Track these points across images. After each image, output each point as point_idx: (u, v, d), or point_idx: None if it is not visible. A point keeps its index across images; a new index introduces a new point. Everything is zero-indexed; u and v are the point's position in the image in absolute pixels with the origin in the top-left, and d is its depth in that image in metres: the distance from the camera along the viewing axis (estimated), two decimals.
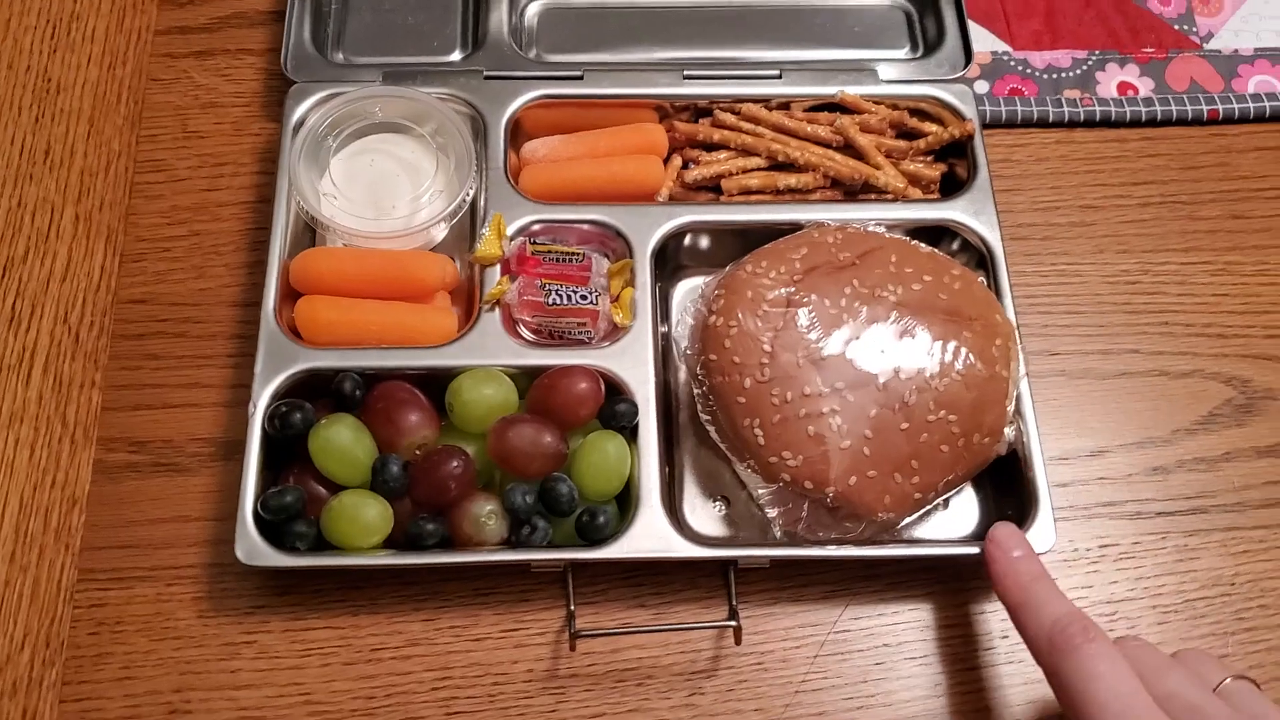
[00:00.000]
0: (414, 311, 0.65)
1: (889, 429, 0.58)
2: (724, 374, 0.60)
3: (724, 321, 0.61)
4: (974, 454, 0.60)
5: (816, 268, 0.62)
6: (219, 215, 0.73)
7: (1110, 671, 0.49)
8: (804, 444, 0.58)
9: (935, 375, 0.59)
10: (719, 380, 0.60)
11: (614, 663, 0.60)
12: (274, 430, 0.61)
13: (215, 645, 0.60)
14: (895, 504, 0.58)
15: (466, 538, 0.60)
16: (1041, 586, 0.54)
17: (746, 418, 0.59)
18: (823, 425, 0.58)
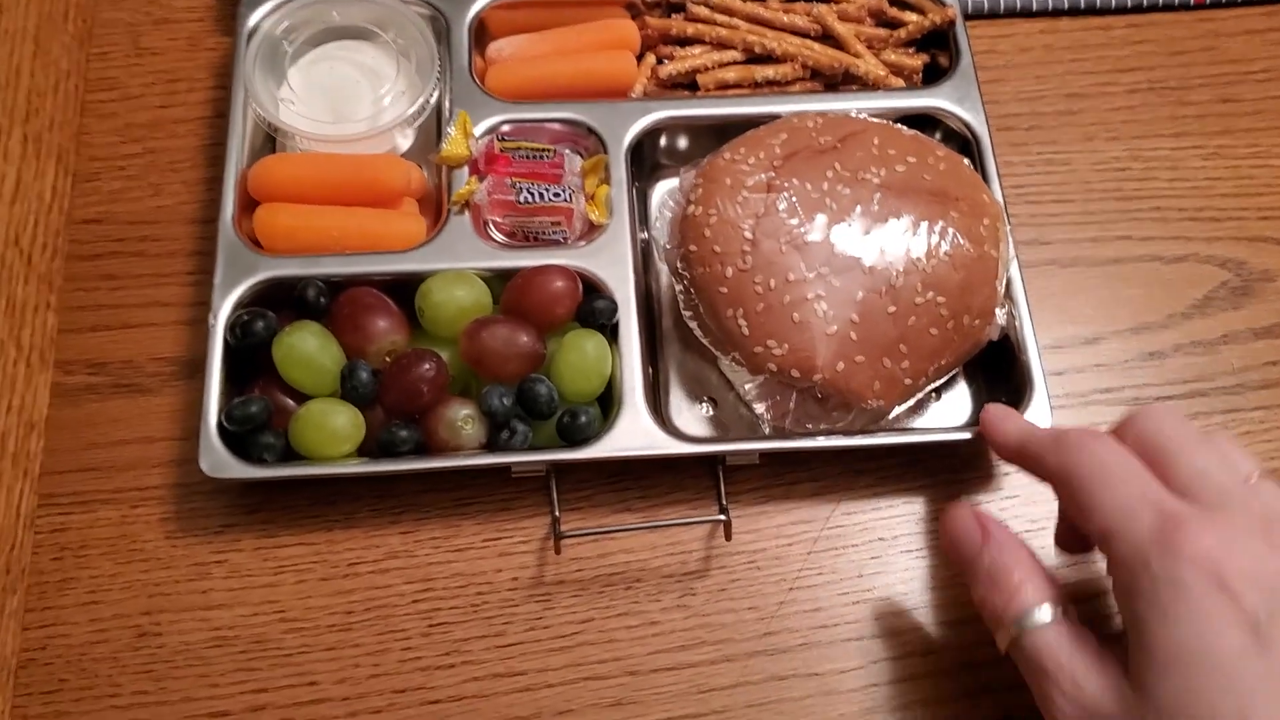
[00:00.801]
0: (379, 217, 0.63)
1: (876, 313, 0.56)
2: (705, 265, 0.57)
3: (703, 210, 0.58)
4: (964, 337, 0.58)
5: (797, 153, 0.59)
6: (175, 132, 0.70)
7: (1119, 451, 0.47)
8: (789, 332, 0.56)
9: (922, 256, 0.57)
10: (700, 272, 0.58)
11: (601, 567, 0.58)
12: (236, 340, 0.58)
13: (184, 566, 0.58)
14: (885, 390, 0.56)
15: (443, 443, 0.57)
16: (1042, 430, 0.53)
17: (729, 308, 0.57)
18: (807, 311, 0.56)
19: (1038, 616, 0.47)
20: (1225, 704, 0.41)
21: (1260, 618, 0.41)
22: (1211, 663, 0.41)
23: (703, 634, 0.57)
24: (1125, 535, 0.44)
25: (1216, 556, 0.42)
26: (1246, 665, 0.41)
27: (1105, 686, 0.44)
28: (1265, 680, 0.40)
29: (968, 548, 0.50)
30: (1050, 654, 0.46)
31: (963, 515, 0.51)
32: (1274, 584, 0.42)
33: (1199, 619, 0.41)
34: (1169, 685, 0.42)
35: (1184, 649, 0.42)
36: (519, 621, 0.57)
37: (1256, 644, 0.41)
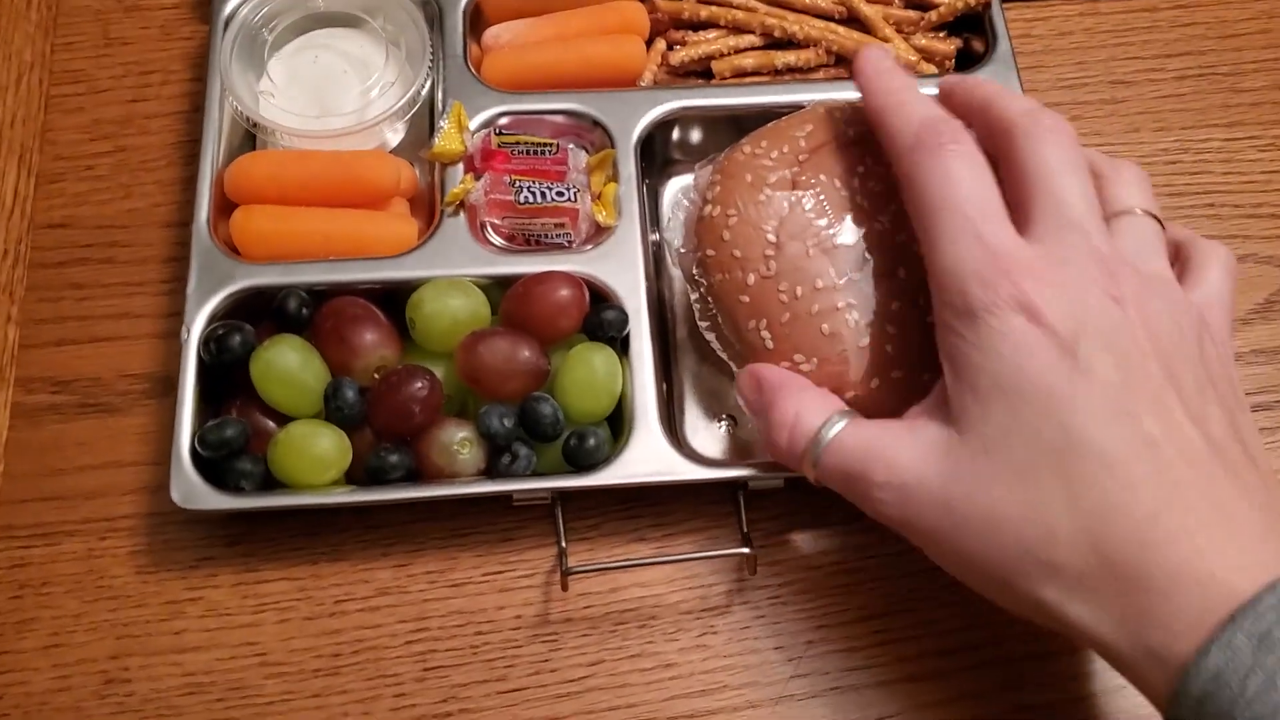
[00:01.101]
0: (366, 219, 0.57)
1: (913, 324, 0.50)
2: (724, 271, 0.52)
3: (720, 211, 0.53)
4: None
5: (823, 145, 0.54)
6: (147, 128, 0.65)
7: (971, 177, 0.44)
8: (818, 345, 0.50)
9: None
10: (718, 279, 0.52)
11: (613, 603, 0.53)
12: (210, 356, 0.53)
13: (156, 604, 0.53)
14: None
15: (437, 470, 0.52)
16: (915, 94, 0.48)
17: (751, 319, 0.51)
18: (838, 322, 0.50)
19: (827, 431, 0.46)
20: (1048, 426, 0.40)
21: (1076, 348, 0.40)
22: (1031, 389, 0.40)
23: (724, 677, 0.52)
24: (951, 271, 0.43)
25: (1035, 298, 0.41)
26: (1063, 389, 0.40)
27: (921, 450, 0.43)
28: (1084, 399, 0.40)
29: (750, 401, 0.49)
30: (852, 453, 0.45)
31: (743, 373, 0.50)
32: (1092, 320, 0.41)
33: (1016, 350, 0.40)
34: (993, 416, 0.41)
35: (1003, 378, 0.41)
36: (523, 664, 0.52)
37: (1075, 367, 0.40)
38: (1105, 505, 0.39)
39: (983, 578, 0.43)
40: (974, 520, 0.41)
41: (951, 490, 0.42)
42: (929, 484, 0.42)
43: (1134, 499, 0.39)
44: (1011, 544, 0.41)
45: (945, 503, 0.42)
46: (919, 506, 0.43)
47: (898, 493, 0.43)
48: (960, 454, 0.42)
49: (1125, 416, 0.40)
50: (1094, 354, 0.40)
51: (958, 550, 0.42)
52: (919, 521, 0.43)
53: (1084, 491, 0.39)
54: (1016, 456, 0.40)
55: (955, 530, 0.42)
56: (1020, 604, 0.42)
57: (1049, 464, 0.40)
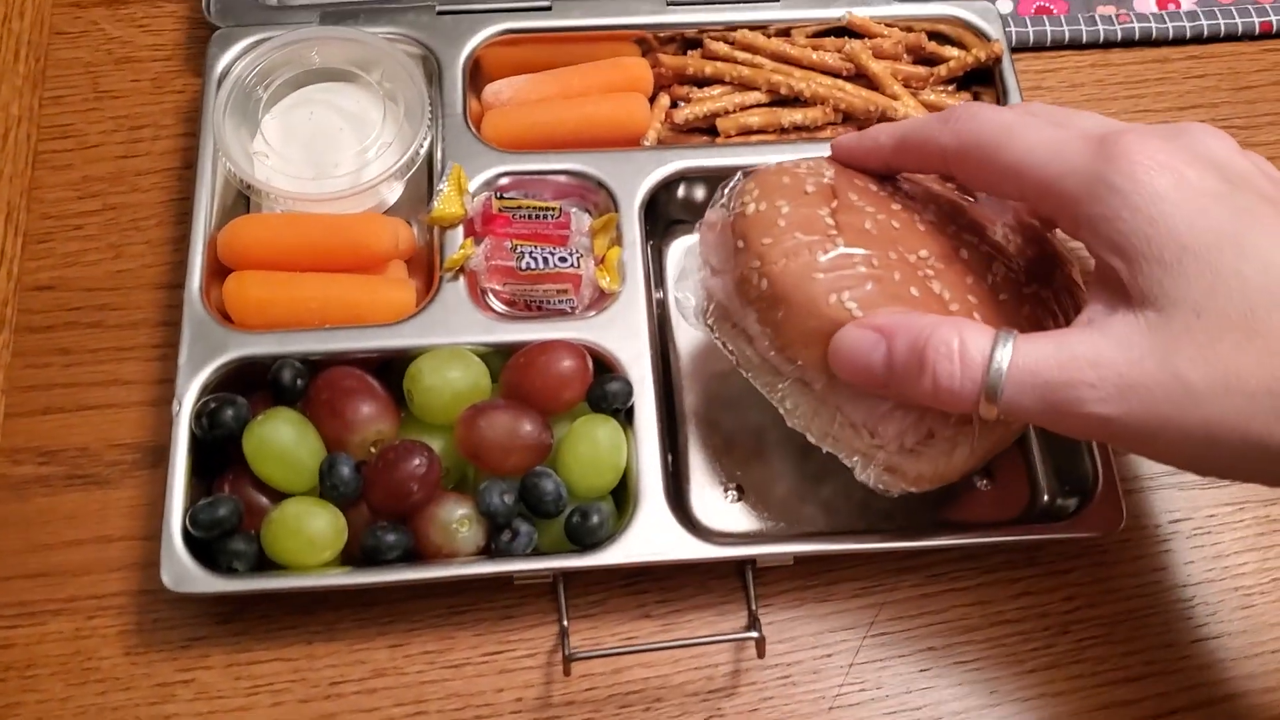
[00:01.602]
0: (362, 285, 0.56)
1: (991, 299, 0.47)
2: (789, 256, 0.47)
3: (769, 205, 0.48)
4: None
5: (848, 170, 0.51)
6: (138, 185, 0.63)
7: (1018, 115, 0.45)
8: (912, 305, 0.46)
9: (1012, 248, 0.50)
10: (780, 267, 0.46)
11: (616, 685, 0.51)
12: (202, 431, 0.52)
13: (146, 687, 0.51)
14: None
15: (435, 548, 0.50)
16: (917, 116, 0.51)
17: (831, 294, 0.46)
18: (924, 288, 0.46)
19: (1002, 352, 0.41)
20: (1248, 266, 0.39)
21: (1227, 183, 0.40)
22: (1215, 238, 0.39)
23: None
24: (1065, 168, 0.42)
25: (1165, 155, 0.40)
26: (1242, 225, 0.39)
27: (1122, 342, 0.40)
28: (1263, 227, 0.39)
29: (875, 360, 0.43)
30: (1047, 368, 0.40)
31: (849, 337, 0.44)
32: (1208, 156, 0.41)
33: (1182, 206, 0.39)
34: (1191, 278, 0.39)
35: (1185, 237, 0.39)
36: None
37: (1235, 205, 0.40)
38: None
39: (1227, 448, 0.39)
40: (1211, 383, 0.39)
41: (1177, 363, 0.39)
42: (1148, 367, 0.39)
43: None
44: (1260, 391, 0.38)
45: (1174, 377, 0.39)
46: (1146, 393, 0.39)
47: (1116, 387, 0.39)
48: (1170, 328, 0.39)
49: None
50: (1238, 184, 0.40)
51: (1199, 424, 0.39)
52: (1147, 410, 0.39)
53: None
54: (1233, 306, 0.38)
55: (1191, 402, 0.39)
56: (1264, 463, 0.39)
57: (1265, 301, 0.38)
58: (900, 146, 0.49)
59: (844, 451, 0.49)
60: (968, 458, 0.48)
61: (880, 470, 0.48)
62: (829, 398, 0.47)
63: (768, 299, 0.47)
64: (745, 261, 0.48)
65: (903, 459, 0.47)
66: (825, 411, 0.48)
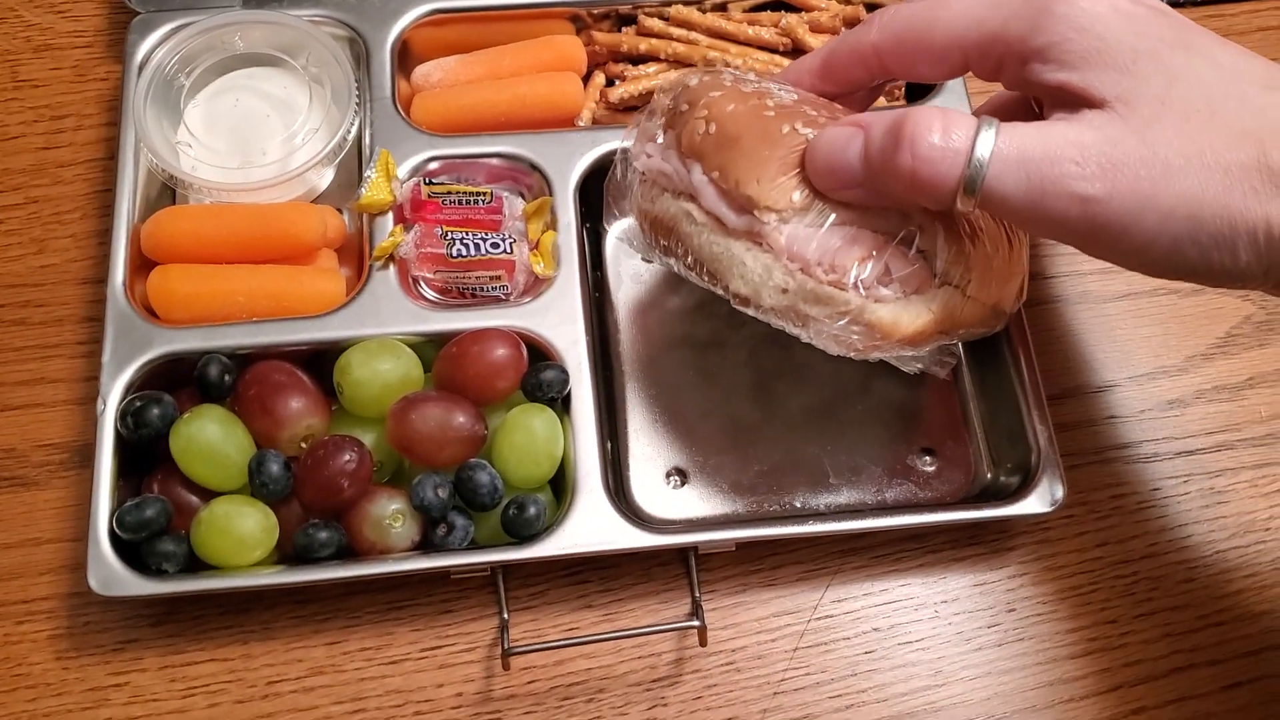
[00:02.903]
0: (290, 276, 0.55)
1: None
2: (736, 102, 0.47)
3: (712, 78, 0.49)
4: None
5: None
6: (60, 178, 0.61)
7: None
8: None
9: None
10: (731, 110, 0.47)
11: (558, 677, 0.51)
12: (128, 430, 0.50)
13: (79, 692, 0.50)
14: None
15: (369, 545, 0.50)
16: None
17: (785, 123, 0.46)
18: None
19: (984, 142, 0.40)
20: (1198, 60, 0.41)
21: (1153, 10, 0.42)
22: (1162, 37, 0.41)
23: None
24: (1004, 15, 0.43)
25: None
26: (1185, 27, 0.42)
27: (1098, 130, 0.40)
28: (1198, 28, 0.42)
29: (852, 152, 0.43)
30: (1031, 152, 0.40)
31: (827, 134, 0.44)
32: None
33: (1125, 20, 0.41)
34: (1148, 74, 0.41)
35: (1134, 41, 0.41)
36: None
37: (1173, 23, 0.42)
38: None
39: (1209, 228, 0.40)
40: (1188, 158, 0.40)
41: (1154, 142, 0.40)
42: (1129, 145, 0.40)
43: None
44: (1234, 165, 0.39)
45: (1153, 153, 0.40)
46: (1129, 170, 0.40)
47: (1100, 165, 0.40)
48: (1140, 115, 0.40)
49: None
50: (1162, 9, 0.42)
51: (1180, 199, 0.40)
52: (1130, 187, 0.40)
53: (1270, 99, 0.40)
54: (1194, 94, 0.40)
55: (1172, 177, 0.40)
56: (1240, 245, 0.40)
57: (1221, 92, 0.40)
58: (828, 62, 0.48)
59: (798, 316, 0.47)
60: (928, 311, 0.47)
61: (845, 323, 0.46)
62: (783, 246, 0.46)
63: (715, 141, 0.47)
64: (690, 119, 0.48)
65: (862, 305, 0.46)
66: (778, 266, 0.46)
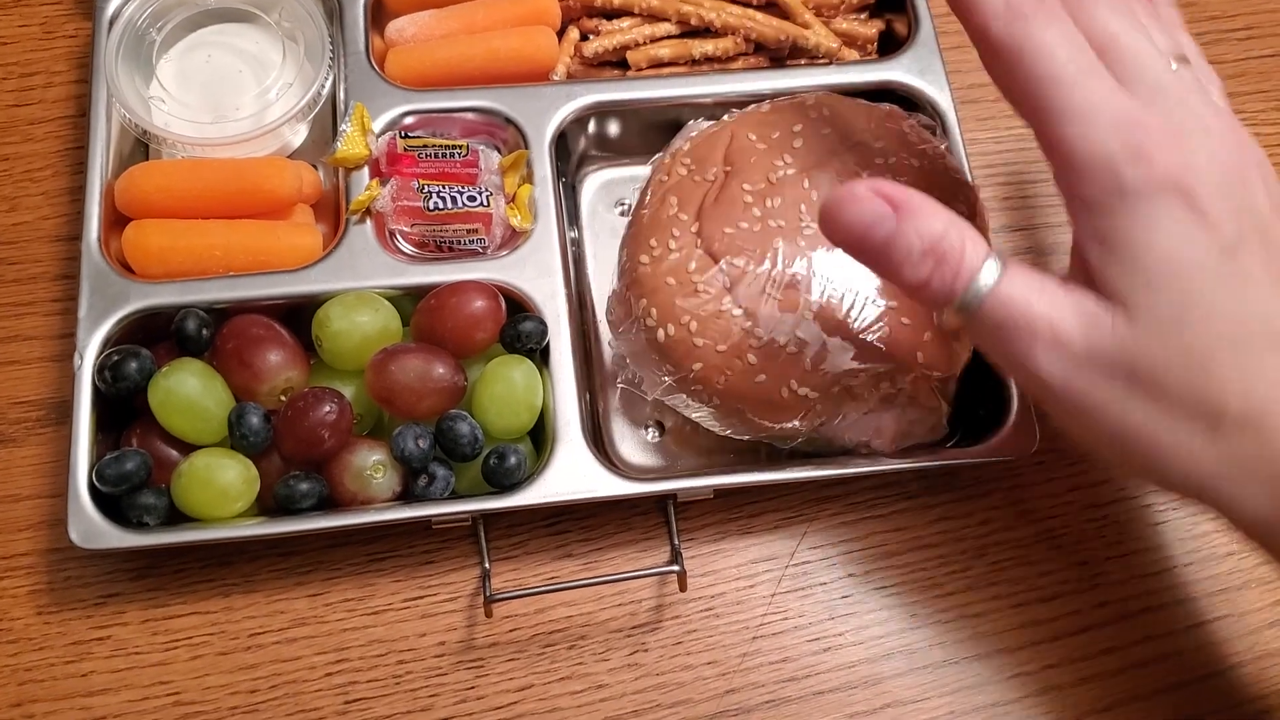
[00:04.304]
0: (266, 230, 0.54)
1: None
2: (723, 371, 0.49)
3: (675, 326, 0.49)
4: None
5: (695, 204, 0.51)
6: (31, 135, 0.61)
7: (1080, 44, 0.42)
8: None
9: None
10: (722, 381, 0.49)
11: (540, 624, 0.51)
12: (106, 384, 0.50)
13: (61, 646, 0.50)
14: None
15: (350, 495, 0.50)
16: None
17: (781, 385, 0.48)
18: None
19: (989, 273, 0.41)
20: (1221, 311, 0.40)
21: (1233, 233, 0.40)
22: (1200, 273, 0.40)
23: (657, 695, 0.50)
24: (1090, 144, 0.40)
25: (1186, 177, 0.40)
26: (1231, 273, 0.40)
27: (1087, 319, 0.41)
28: (1253, 283, 0.40)
29: (880, 229, 0.41)
30: (1020, 307, 0.41)
31: (859, 194, 0.42)
32: (1235, 195, 0.41)
33: (1181, 233, 0.40)
34: (1165, 298, 0.40)
35: (1173, 260, 0.40)
36: (448, 693, 0.50)
37: (1234, 253, 0.40)
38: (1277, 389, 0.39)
39: (1134, 453, 0.41)
40: (1147, 397, 0.40)
41: (1131, 364, 0.40)
42: (1102, 355, 0.40)
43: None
44: (1181, 422, 0.40)
45: (1123, 376, 0.40)
46: (1091, 375, 0.40)
47: (1065, 359, 0.40)
48: (1132, 333, 0.40)
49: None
50: (1246, 236, 0.40)
51: (1119, 422, 0.41)
52: (1085, 390, 0.41)
53: (1261, 370, 0.40)
54: (1197, 337, 0.40)
55: (1123, 404, 0.40)
56: (1168, 478, 0.41)
57: (1228, 345, 0.40)
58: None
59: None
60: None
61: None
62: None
63: (719, 399, 0.50)
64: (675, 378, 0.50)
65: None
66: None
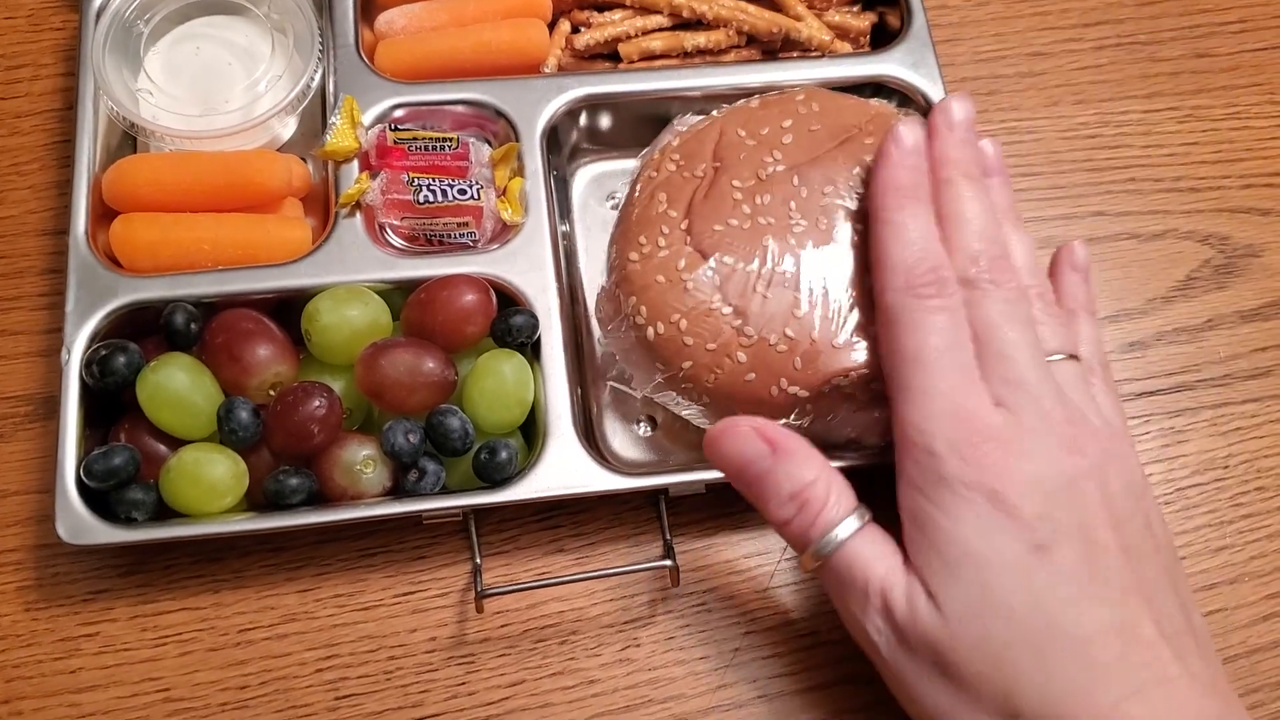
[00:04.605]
0: (254, 224, 0.54)
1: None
2: (712, 369, 0.48)
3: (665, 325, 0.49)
4: None
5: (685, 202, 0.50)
6: (18, 128, 0.60)
7: (954, 337, 0.44)
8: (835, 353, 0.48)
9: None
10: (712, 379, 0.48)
11: (531, 620, 0.51)
12: (94, 379, 0.50)
13: (49, 643, 0.50)
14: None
15: (340, 491, 0.50)
16: (923, 212, 0.46)
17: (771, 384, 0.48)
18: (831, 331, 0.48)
19: (846, 528, 0.43)
20: (1021, 607, 0.40)
21: (1046, 535, 0.41)
22: (1001, 567, 0.41)
23: (649, 691, 0.50)
24: (923, 429, 0.43)
25: (1003, 482, 0.41)
26: (1035, 572, 0.40)
27: (911, 599, 0.42)
28: (1054, 583, 0.40)
29: (756, 466, 0.44)
30: (861, 569, 0.43)
31: (741, 430, 0.45)
32: (1058, 505, 0.41)
33: (986, 528, 0.41)
34: (964, 587, 0.41)
35: (973, 551, 0.41)
36: (439, 689, 0.50)
37: (1041, 554, 0.40)
38: (1074, 689, 0.39)
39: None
40: (951, 684, 0.41)
41: (936, 650, 0.41)
42: (915, 636, 0.42)
43: (1102, 685, 0.39)
44: (980, 715, 0.41)
45: (931, 661, 0.41)
46: (908, 652, 0.42)
47: (890, 631, 0.43)
48: (939, 619, 0.41)
49: (1094, 601, 0.40)
50: (1061, 538, 0.41)
51: (929, 701, 0.42)
52: (902, 665, 0.42)
53: (1056, 673, 0.39)
54: (993, 633, 0.40)
55: (931, 685, 0.42)
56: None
57: (1023, 644, 0.40)
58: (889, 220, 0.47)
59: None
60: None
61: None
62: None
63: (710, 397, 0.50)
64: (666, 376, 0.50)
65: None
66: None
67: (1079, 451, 0.42)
